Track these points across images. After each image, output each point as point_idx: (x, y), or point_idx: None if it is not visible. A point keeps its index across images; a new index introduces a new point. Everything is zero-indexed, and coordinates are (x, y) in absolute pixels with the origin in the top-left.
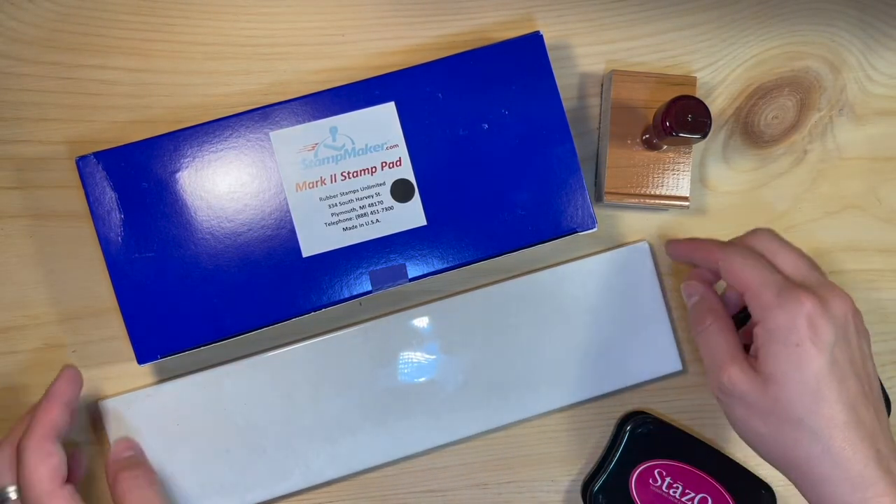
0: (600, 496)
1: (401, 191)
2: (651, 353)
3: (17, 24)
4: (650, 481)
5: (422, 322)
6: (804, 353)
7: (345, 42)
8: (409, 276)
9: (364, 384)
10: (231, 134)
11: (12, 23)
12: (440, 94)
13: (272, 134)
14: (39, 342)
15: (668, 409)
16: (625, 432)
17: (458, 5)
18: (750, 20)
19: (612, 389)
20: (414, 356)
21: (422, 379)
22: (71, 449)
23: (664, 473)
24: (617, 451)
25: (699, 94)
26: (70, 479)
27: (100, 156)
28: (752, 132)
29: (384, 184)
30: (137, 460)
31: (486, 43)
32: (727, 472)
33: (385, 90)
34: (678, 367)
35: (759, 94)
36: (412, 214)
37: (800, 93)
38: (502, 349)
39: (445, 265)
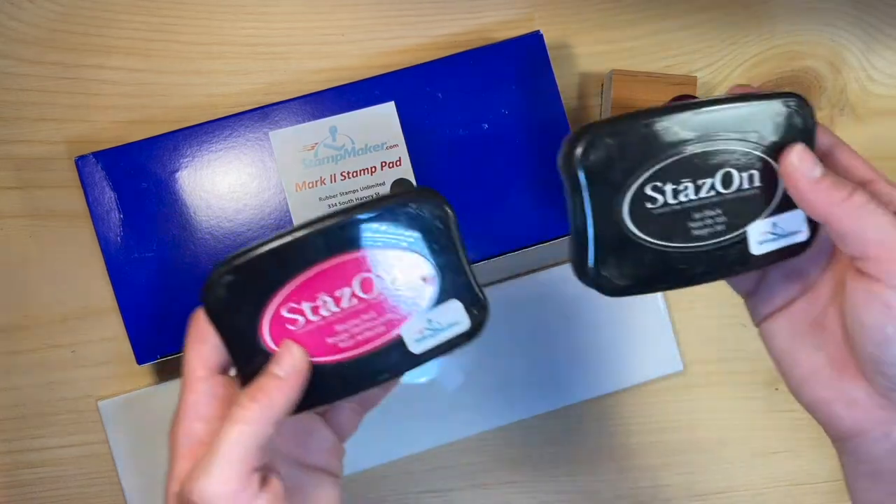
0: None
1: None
2: (651, 354)
3: (17, 23)
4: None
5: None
6: None
7: (344, 42)
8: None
9: None
10: (231, 134)
11: (12, 22)
12: (440, 94)
13: (272, 134)
14: (39, 342)
15: (668, 410)
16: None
17: (458, 5)
18: (750, 20)
19: (612, 389)
20: None
21: (422, 379)
22: None
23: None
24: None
25: (699, 93)
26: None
27: (99, 156)
28: None
29: (384, 184)
30: (269, 385)
31: (486, 43)
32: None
33: (385, 90)
34: (679, 367)
35: None
36: None
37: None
38: (502, 349)
39: None
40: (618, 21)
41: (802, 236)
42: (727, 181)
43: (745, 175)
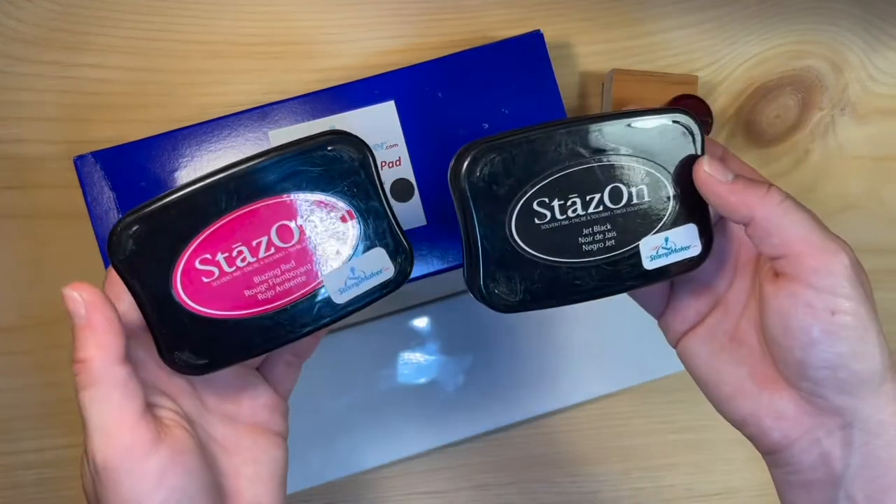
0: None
1: (400, 190)
2: (652, 353)
3: (16, 22)
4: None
5: (422, 322)
6: None
7: (344, 41)
8: (410, 276)
9: (364, 384)
10: (230, 133)
11: (11, 22)
12: (440, 94)
13: (271, 133)
14: (37, 342)
15: (668, 410)
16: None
17: (458, 4)
18: (751, 19)
19: (612, 390)
20: (414, 356)
21: (422, 379)
22: None
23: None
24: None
25: (700, 93)
26: None
27: (98, 155)
28: (753, 131)
29: (384, 183)
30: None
31: (486, 42)
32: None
33: (384, 89)
34: (679, 367)
35: (761, 94)
36: (412, 214)
37: (802, 92)
38: (502, 349)
39: (445, 265)
40: (618, 20)
41: (695, 250)
42: (616, 196)
43: (634, 190)
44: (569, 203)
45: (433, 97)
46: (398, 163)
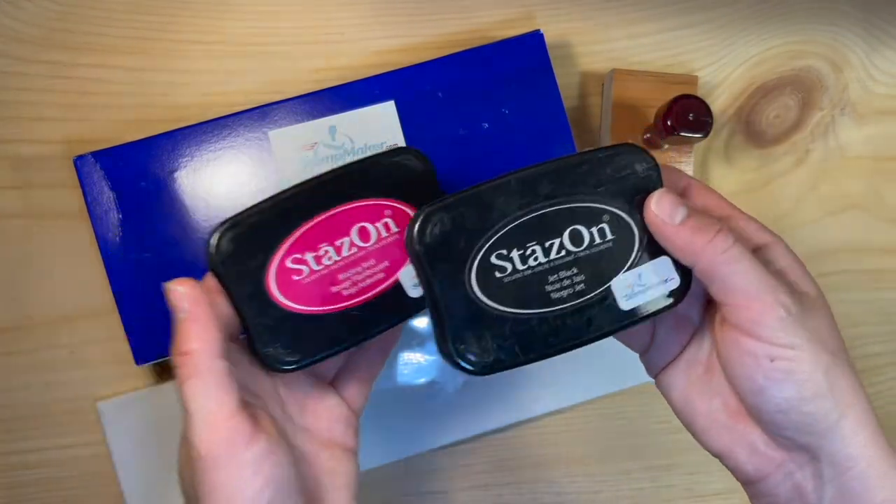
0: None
1: None
2: None
3: (16, 22)
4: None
5: (422, 322)
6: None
7: (344, 41)
8: None
9: None
10: (230, 133)
11: (11, 22)
12: (440, 93)
13: (271, 133)
14: (38, 343)
15: (669, 411)
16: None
17: (459, 4)
18: (751, 19)
19: (612, 390)
20: (414, 357)
21: (422, 379)
22: None
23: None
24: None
25: (700, 93)
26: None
27: (98, 155)
28: (753, 131)
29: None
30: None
31: (486, 42)
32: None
33: (385, 89)
34: None
35: (761, 94)
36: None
37: (802, 92)
38: None
39: None
40: (618, 20)
41: (674, 283)
42: (577, 239)
43: (594, 230)
44: (528, 252)
45: (433, 97)
46: None
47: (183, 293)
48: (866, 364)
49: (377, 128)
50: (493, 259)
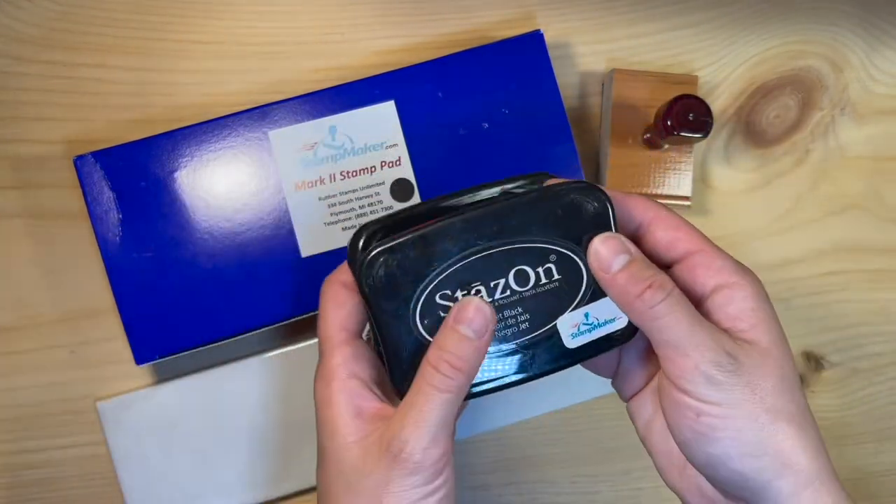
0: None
1: (400, 190)
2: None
3: (16, 22)
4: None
5: None
6: (779, 325)
7: (344, 41)
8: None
9: None
10: (230, 133)
11: (10, 21)
12: (440, 93)
13: (271, 133)
14: (38, 342)
15: None
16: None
17: (458, 4)
18: (751, 19)
19: (611, 390)
20: None
21: None
22: None
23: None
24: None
25: (700, 92)
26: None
27: (98, 155)
28: (753, 131)
29: (383, 183)
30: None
31: (486, 41)
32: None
33: (384, 89)
34: None
35: (761, 93)
36: None
37: (802, 92)
38: None
39: None
40: (618, 20)
41: (622, 321)
42: (522, 279)
43: (541, 270)
44: (472, 292)
45: (433, 97)
46: (398, 163)
47: (488, 318)
48: (866, 364)
49: (377, 128)
50: (438, 299)
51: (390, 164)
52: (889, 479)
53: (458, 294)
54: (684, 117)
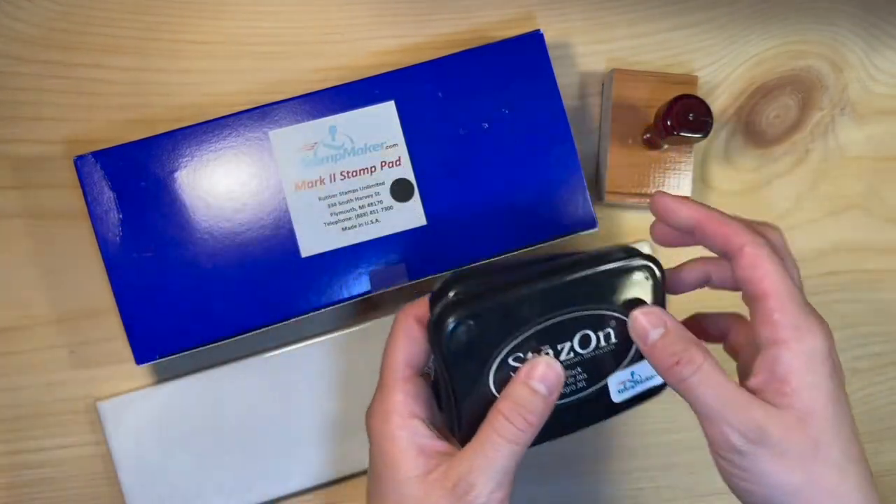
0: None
1: (400, 190)
2: None
3: (15, 22)
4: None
5: None
6: (837, 386)
7: (344, 41)
8: (409, 276)
9: (364, 384)
10: (230, 133)
11: (10, 21)
12: (440, 93)
13: (271, 133)
14: (38, 342)
15: (669, 411)
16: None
17: (458, 4)
18: (751, 19)
19: None
20: None
21: None
22: None
23: (521, 356)
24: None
25: (700, 93)
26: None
27: (98, 155)
28: (753, 131)
29: (383, 183)
30: (530, 403)
31: (486, 42)
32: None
33: (384, 89)
34: None
35: (761, 94)
36: (412, 214)
37: (802, 92)
38: None
39: (445, 265)
40: (618, 20)
41: (658, 380)
42: (585, 342)
43: (601, 334)
44: (542, 353)
45: (433, 97)
46: (398, 163)
47: (559, 376)
48: (866, 364)
49: (377, 128)
50: (511, 361)
51: (390, 165)
52: (889, 478)
53: (529, 356)
54: (684, 117)
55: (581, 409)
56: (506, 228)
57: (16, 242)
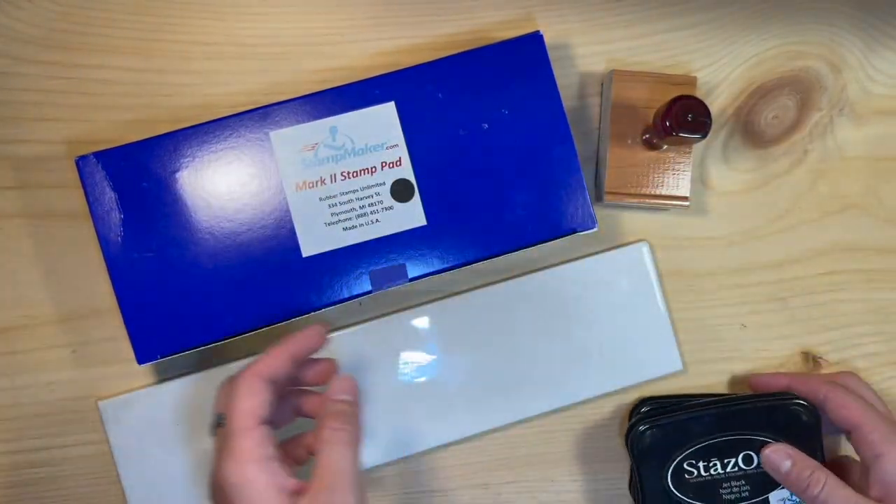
0: None
1: (401, 191)
2: (651, 353)
3: (16, 23)
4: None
5: (422, 322)
6: None
7: (345, 42)
8: (409, 276)
9: (364, 384)
10: (231, 134)
11: (11, 22)
12: (440, 94)
13: (272, 134)
14: (39, 342)
15: None
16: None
17: (458, 5)
18: (750, 19)
19: (611, 389)
20: (414, 356)
21: (422, 379)
22: (296, 394)
23: (694, 462)
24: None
25: (699, 93)
26: (279, 422)
27: (99, 155)
28: (752, 132)
29: (384, 184)
30: (347, 412)
31: (486, 42)
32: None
33: (385, 90)
34: (678, 366)
35: (760, 94)
36: (412, 214)
37: (800, 92)
38: (502, 349)
39: (445, 265)
40: (618, 21)
41: None
42: (747, 461)
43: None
44: (710, 464)
45: (433, 98)
46: (398, 163)
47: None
48: (864, 364)
49: (377, 128)
50: (685, 465)
51: (391, 165)
52: None
53: (700, 464)
54: (683, 118)
55: None
56: (506, 228)
57: (17, 242)
